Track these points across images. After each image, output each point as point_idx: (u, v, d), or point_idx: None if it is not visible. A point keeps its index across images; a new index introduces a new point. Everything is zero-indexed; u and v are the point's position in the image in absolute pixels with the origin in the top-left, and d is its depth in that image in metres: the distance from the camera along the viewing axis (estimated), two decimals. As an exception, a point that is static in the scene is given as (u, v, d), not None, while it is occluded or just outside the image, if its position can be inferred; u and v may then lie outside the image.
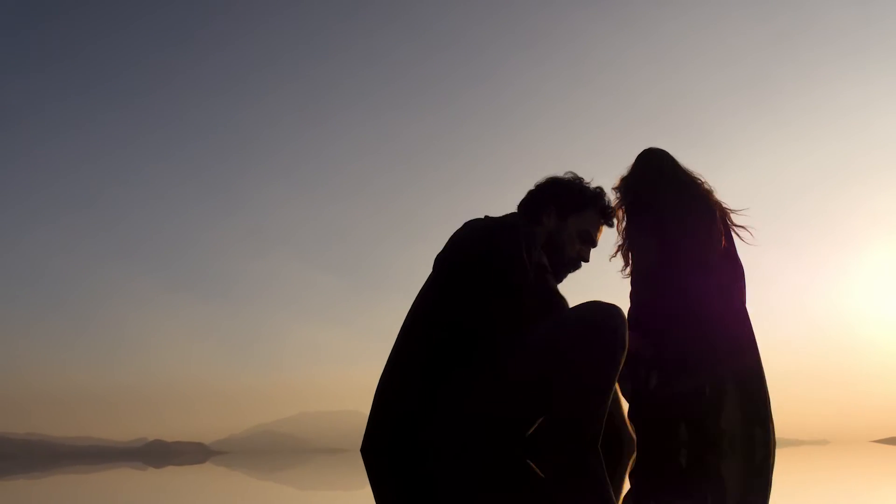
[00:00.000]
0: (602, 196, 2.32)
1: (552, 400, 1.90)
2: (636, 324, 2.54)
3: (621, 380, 2.20)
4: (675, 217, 2.87)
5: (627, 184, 2.94)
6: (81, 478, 2.24)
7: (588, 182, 2.33)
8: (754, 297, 2.89)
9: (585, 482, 1.28)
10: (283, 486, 1.70)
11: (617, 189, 2.83)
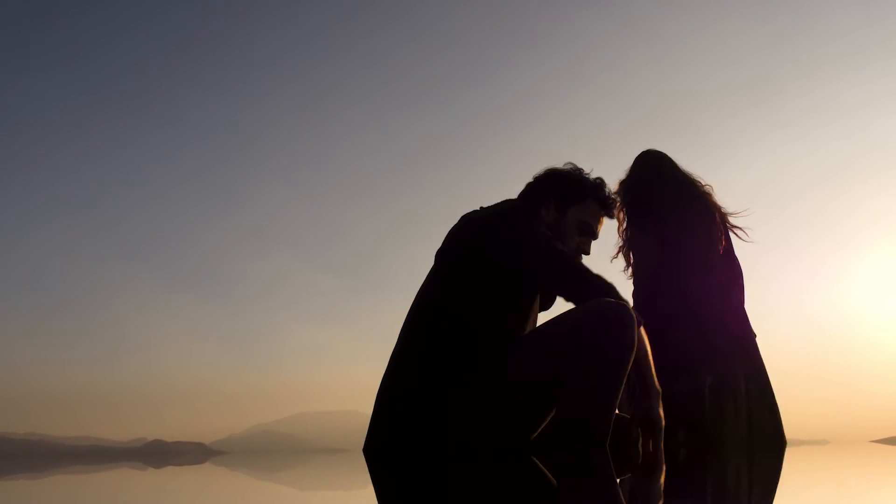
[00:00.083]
0: (602, 186, 2.25)
1: (559, 400, 1.89)
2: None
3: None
4: (676, 217, 2.88)
5: (627, 185, 2.95)
6: (81, 478, 2.24)
7: (587, 173, 2.27)
8: (754, 297, 2.89)
9: (592, 482, 1.28)
10: (283, 486, 1.70)
11: (616, 192, 2.84)
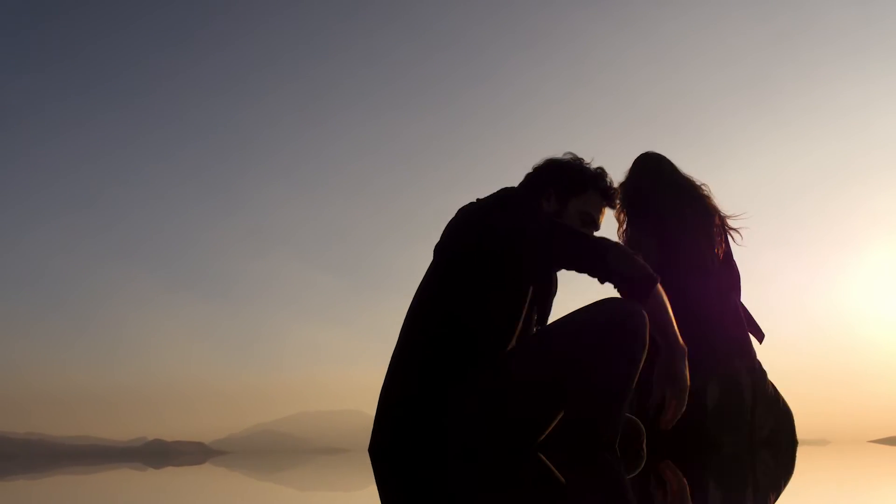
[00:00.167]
0: (603, 176, 2.20)
1: (568, 401, 1.86)
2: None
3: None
4: (676, 217, 2.88)
5: (627, 186, 2.95)
6: (81, 478, 2.24)
7: (588, 162, 2.22)
8: (754, 298, 2.89)
9: (599, 482, 1.28)
10: (283, 487, 1.69)
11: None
